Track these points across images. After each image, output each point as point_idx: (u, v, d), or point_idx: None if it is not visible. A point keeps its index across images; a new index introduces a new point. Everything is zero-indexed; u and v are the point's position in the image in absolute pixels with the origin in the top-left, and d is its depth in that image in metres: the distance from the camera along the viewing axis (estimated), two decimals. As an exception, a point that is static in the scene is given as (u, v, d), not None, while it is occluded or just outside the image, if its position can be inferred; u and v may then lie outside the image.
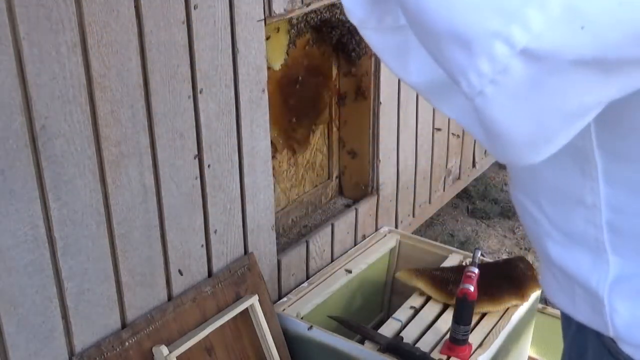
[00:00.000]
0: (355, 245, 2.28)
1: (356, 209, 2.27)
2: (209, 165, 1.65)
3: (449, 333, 1.81)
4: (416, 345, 1.80)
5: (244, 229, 1.81)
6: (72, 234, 1.38)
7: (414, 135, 2.50)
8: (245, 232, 1.82)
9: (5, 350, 1.31)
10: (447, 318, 1.90)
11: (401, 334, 1.85)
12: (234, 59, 1.65)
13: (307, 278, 2.09)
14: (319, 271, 2.12)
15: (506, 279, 1.98)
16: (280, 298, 1.99)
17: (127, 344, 1.52)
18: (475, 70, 0.54)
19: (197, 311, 1.68)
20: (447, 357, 1.78)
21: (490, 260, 2.22)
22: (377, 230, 2.38)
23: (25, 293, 1.32)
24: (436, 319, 1.93)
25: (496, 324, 1.90)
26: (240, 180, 1.76)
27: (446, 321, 1.90)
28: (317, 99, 2.19)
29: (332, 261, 2.19)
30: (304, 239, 2.09)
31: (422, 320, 1.92)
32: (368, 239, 2.32)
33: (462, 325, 1.76)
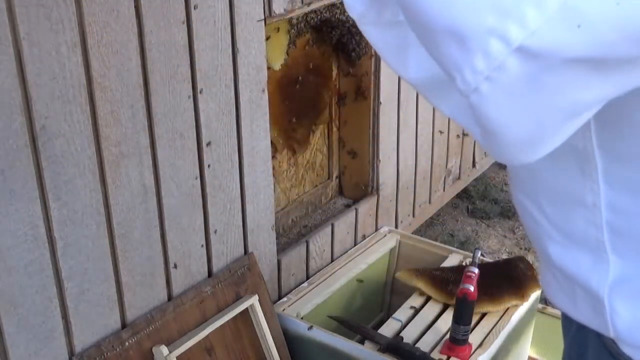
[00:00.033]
0: (355, 245, 2.28)
1: (356, 209, 2.27)
2: (209, 165, 1.65)
3: (449, 333, 1.81)
4: (416, 345, 1.80)
5: (244, 229, 1.81)
6: (72, 234, 1.38)
7: (414, 135, 2.50)
8: (245, 232, 1.82)
9: (5, 350, 1.31)
10: (447, 318, 1.90)
11: (401, 334, 1.85)
12: (234, 59, 1.65)
13: (307, 278, 2.09)
14: (319, 271, 2.12)
15: (506, 279, 1.98)
16: (280, 298, 1.99)
17: (127, 344, 1.52)
18: (470, 67, 0.54)
19: (197, 311, 1.68)
20: (447, 357, 1.78)
21: (490, 260, 2.21)
22: (377, 230, 2.38)
23: (25, 293, 1.32)
24: (436, 319, 1.93)
25: (496, 324, 1.90)
26: (240, 180, 1.76)
27: (446, 321, 1.90)
28: (317, 99, 2.19)
29: (332, 261, 2.19)
30: (304, 239, 2.09)
31: (422, 320, 1.92)
32: (368, 239, 2.32)
33: (462, 325, 1.76)
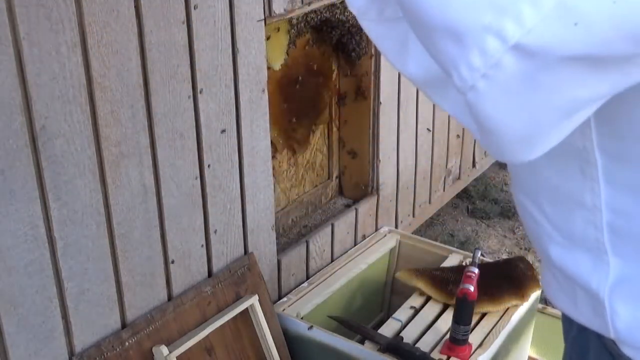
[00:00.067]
0: (355, 245, 2.28)
1: (356, 209, 2.27)
2: (209, 165, 1.65)
3: (449, 333, 1.81)
4: (416, 345, 1.80)
5: (244, 229, 1.81)
6: (72, 234, 1.38)
7: (414, 135, 2.50)
8: (245, 232, 1.82)
9: (5, 350, 1.31)
10: (447, 318, 1.90)
11: (401, 334, 1.85)
12: (234, 59, 1.65)
13: (307, 278, 2.09)
14: (319, 271, 2.12)
15: (506, 279, 1.98)
16: (280, 298, 1.99)
17: (127, 344, 1.52)
18: (467, 64, 0.54)
19: (197, 311, 1.68)
20: (447, 357, 1.78)
21: (490, 260, 2.21)
22: (377, 230, 2.38)
23: (25, 293, 1.32)
24: (436, 319, 1.93)
25: (496, 324, 1.90)
26: (240, 180, 1.76)
27: (446, 321, 1.90)
28: (317, 99, 2.19)
29: (332, 261, 2.19)
30: (304, 239, 2.09)
31: (422, 320, 1.92)
32: (368, 239, 2.32)
33: (462, 325, 1.76)
